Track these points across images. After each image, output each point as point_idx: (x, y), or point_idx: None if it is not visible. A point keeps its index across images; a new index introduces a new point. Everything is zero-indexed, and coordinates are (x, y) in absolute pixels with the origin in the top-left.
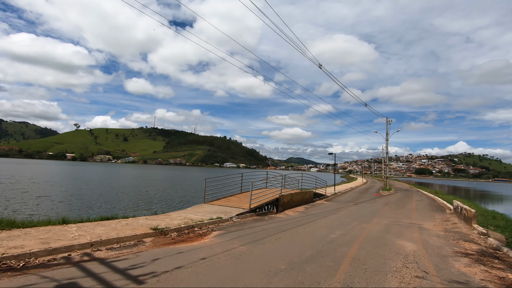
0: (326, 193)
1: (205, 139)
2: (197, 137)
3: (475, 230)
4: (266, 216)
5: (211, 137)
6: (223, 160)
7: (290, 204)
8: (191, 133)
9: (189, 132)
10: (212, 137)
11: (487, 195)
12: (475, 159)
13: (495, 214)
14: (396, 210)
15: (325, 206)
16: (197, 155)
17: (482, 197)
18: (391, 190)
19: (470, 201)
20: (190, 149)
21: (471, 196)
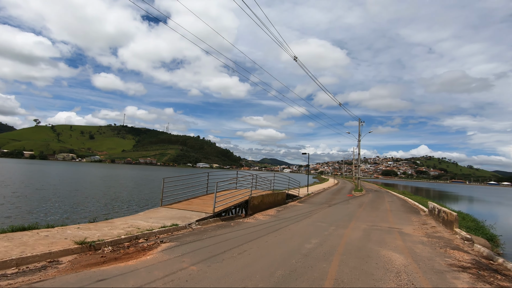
0: (299, 194)
1: (177, 138)
2: (169, 136)
3: (457, 235)
4: (233, 221)
5: (184, 136)
6: (196, 160)
7: (261, 207)
8: (163, 132)
9: (161, 131)
10: (185, 137)
11: (446, 195)
12: (435, 161)
13: (463, 215)
14: (371, 212)
15: (299, 209)
16: (169, 154)
17: (441, 197)
18: (362, 191)
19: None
20: (161, 148)
21: (431, 196)
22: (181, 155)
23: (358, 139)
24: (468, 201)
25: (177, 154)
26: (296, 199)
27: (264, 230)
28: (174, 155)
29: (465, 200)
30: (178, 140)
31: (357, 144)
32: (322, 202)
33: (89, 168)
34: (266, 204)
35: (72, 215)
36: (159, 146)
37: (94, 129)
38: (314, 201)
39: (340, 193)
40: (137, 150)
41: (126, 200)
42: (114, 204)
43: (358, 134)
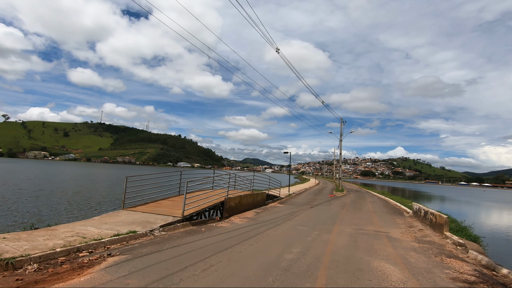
0: (280, 194)
1: (158, 137)
2: (149, 135)
3: (448, 239)
4: (205, 225)
5: (164, 135)
6: (177, 160)
7: (238, 209)
8: (143, 130)
9: (140, 129)
10: (166, 135)
11: (420, 195)
12: (410, 163)
13: None
14: (355, 213)
15: (279, 210)
16: (148, 153)
17: (416, 197)
18: (343, 191)
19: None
20: (141, 147)
21: (406, 196)
22: (162, 154)
23: (340, 138)
24: (440, 201)
25: (157, 153)
26: (277, 199)
27: (239, 236)
28: (154, 154)
29: (438, 200)
30: (158, 139)
31: (339, 144)
32: (303, 203)
33: (61, 167)
34: (244, 205)
35: (7, 220)
36: (138, 145)
37: (69, 126)
38: (295, 202)
39: (322, 193)
40: (115, 149)
41: (87, 202)
42: (72, 207)
43: (340, 134)
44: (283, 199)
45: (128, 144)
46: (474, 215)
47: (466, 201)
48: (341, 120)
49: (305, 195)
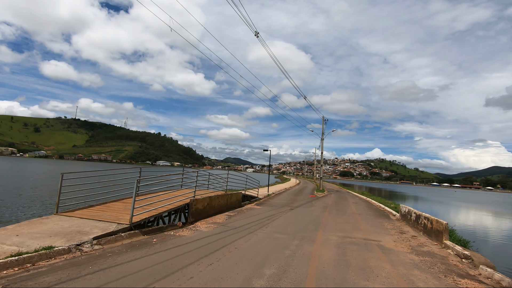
0: (258, 194)
1: (136, 134)
2: (127, 132)
3: (449, 249)
4: (161, 234)
5: (143, 132)
6: (156, 158)
7: (208, 212)
8: (121, 127)
9: (118, 126)
10: (145, 133)
11: (395, 194)
12: (387, 164)
13: None
14: (339, 216)
15: (255, 213)
16: (126, 151)
17: (392, 196)
18: (324, 192)
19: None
20: (118, 144)
21: (383, 195)
22: (140, 152)
23: (322, 137)
24: (417, 200)
25: (135, 151)
26: (254, 200)
27: (199, 250)
28: (132, 152)
29: (414, 200)
30: (137, 137)
31: (320, 143)
32: (283, 204)
33: (28, 164)
34: (215, 208)
35: None
36: (115, 142)
37: (40, 121)
38: (274, 203)
39: (302, 193)
40: (90, 146)
41: (24, 204)
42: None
43: (321, 132)
44: (261, 200)
45: (104, 142)
46: (452, 216)
47: (440, 202)
48: (323, 119)
49: (285, 195)
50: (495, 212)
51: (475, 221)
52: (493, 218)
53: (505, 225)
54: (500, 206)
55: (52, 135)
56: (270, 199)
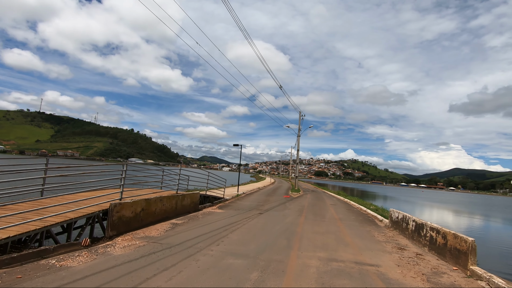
0: (224, 195)
1: (107, 130)
2: (97, 128)
3: (482, 281)
4: (34, 264)
5: (115, 128)
6: (128, 155)
7: (143, 220)
8: (91, 122)
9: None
10: (117, 129)
11: (368, 194)
12: (359, 164)
13: None
14: (318, 223)
15: (213, 219)
16: (95, 148)
17: (364, 195)
18: (300, 192)
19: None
20: (87, 140)
21: (355, 194)
22: (111, 149)
23: (298, 134)
24: (388, 200)
25: (106, 148)
26: (218, 202)
27: None
28: (102, 148)
29: (385, 199)
30: (108, 132)
31: (296, 140)
32: (252, 206)
33: None
34: (155, 214)
35: None
36: (84, 138)
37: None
38: (241, 205)
39: (276, 193)
40: (55, 141)
41: None
42: None
43: (298, 128)
44: (228, 201)
45: (71, 137)
46: (427, 216)
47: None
48: (300, 114)
49: (256, 195)
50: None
51: (453, 221)
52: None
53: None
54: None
55: (13, 128)
56: (238, 201)
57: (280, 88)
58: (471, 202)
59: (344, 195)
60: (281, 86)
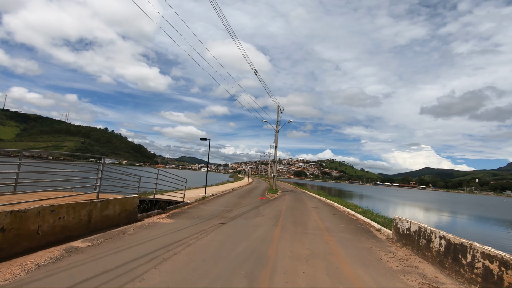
0: (185, 198)
1: (79, 129)
2: (68, 126)
3: None
4: None
5: (87, 127)
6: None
7: (10, 246)
8: (61, 121)
9: (58, 120)
10: (89, 128)
11: (347, 193)
12: (337, 164)
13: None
14: (298, 237)
15: (148, 236)
16: (66, 147)
17: (343, 194)
18: (278, 192)
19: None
20: (56, 139)
21: (333, 193)
22: (82, 149)
23: (276, 129)
24: (363, 198)
25: (77, 148)
26: (172, 208)
27: None
28: (72, 148)
29: (364, 197)
30: (79, 131)
31: (275, 136)
32: (216, 212)
33: None
34: (36, 235)
35: None
36: (53, 137)
37: None
38: (202, 212)
39: (251, 194)
40: (21, 141)
41: None
42: None
43: (276, 124)
44: (187, 206)
45: (39, 136)
46: (408, 213)
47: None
48: (278, 108)
49: (227, 197)
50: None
51: (438, 220)
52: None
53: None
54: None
55: None
56: (201, 205)
57: (255, 73)
58: (446, 200)
59: (325, 195)
60: (256, 70)
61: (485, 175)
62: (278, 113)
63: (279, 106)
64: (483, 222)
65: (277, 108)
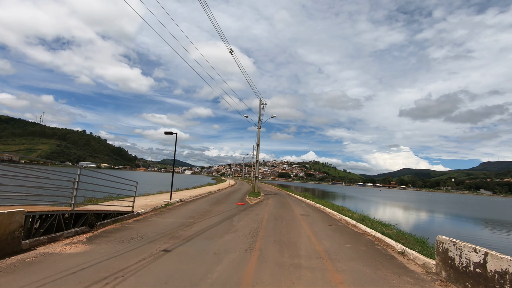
0: (135, 207)
1: (54, 131)
2: (43, 128)
3: None
4: None
5: (64, 130)
6: (78, 159)
7: None
8: (35, 123)
9: (31, 122)
10: (66, 130)
11: (332, 194)
12: (320, 166)
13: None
14: (286, 277)
15: None
16: (39, 150)
17: (329, 196)
18: (260, 196)
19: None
20: (30, 142)
21: (316, 194)
22: (58, 152)
23: (258, 125)
24: (349, 199)
25: (52, 151)
26: (105, 224)
27: None
28: (47, 151)
29: (348, 198)
30: (55, 134)
31: (257, 132)
32: (168, 228)
33: None
34: None
35: None
36: (26, 140)
37: None
38: (150, 227)
39: (229, 199)
40: None
41: None
42: None
43: (258, 119)
44: (137, 217)
45: (11, 139)
46: (406, 216)
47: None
48: (260, 101)
49: (197, 204)
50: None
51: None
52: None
53: None
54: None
55: None
56: (156, 216)
57: (230, 54)
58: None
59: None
60: (232, 50)
61: (460, 174)
62: (260, 107)
63: (262, 100)
64: (494, 226)
65: (259, 102)
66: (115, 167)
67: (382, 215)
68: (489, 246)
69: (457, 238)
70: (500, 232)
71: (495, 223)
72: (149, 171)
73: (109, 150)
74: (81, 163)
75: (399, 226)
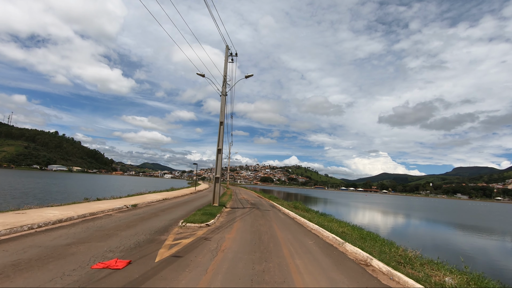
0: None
1: (22, 132)
2: (9, 129)
3: None
4: None
5: (33, 131)
6: (48, 162)
7: None
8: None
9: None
10: (35, 131)
11: (309, 198)
12: (302, 170)
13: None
14: None
15: None
16: (4, 152)
17: (307, 201)
18: (222, 210)
19: None
20: None
21: (298, 199)
22: (26, 154)
23: (223, 87)
24: (336, 205)
25: (19, 153)
26: None
27: None
28: (13, 153)
29: (335, 204)
30: (23, 135)
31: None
32: None
33: None
34: None
35: None
36: None
37: None
38: None
39: (170, 213)
40: None
41: None
42: None
43: (223, 80)
44: None
45: None
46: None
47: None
48: (227, 49)
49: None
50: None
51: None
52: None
53: None
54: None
55: None
56: None
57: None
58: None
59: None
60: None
61: (435, 179)
62: (226, 58)
63: (228, 46)
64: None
65: (226, 50)
66: (88, 171)
67: (410, 237)
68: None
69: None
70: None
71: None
72: (126, 175)
73: (83, 153)
74: (51, 166)
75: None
